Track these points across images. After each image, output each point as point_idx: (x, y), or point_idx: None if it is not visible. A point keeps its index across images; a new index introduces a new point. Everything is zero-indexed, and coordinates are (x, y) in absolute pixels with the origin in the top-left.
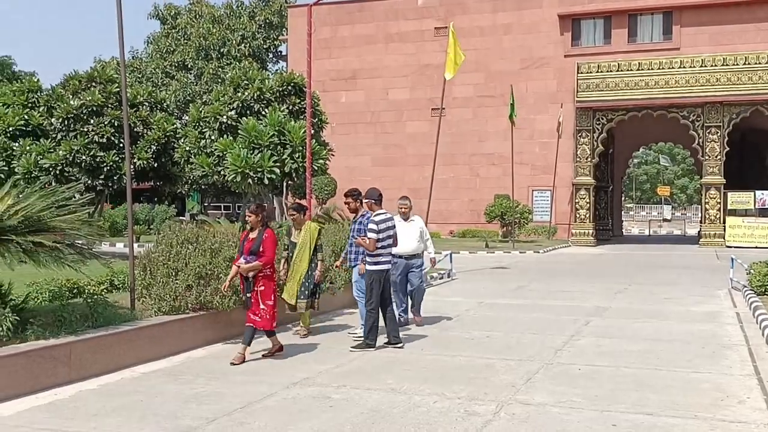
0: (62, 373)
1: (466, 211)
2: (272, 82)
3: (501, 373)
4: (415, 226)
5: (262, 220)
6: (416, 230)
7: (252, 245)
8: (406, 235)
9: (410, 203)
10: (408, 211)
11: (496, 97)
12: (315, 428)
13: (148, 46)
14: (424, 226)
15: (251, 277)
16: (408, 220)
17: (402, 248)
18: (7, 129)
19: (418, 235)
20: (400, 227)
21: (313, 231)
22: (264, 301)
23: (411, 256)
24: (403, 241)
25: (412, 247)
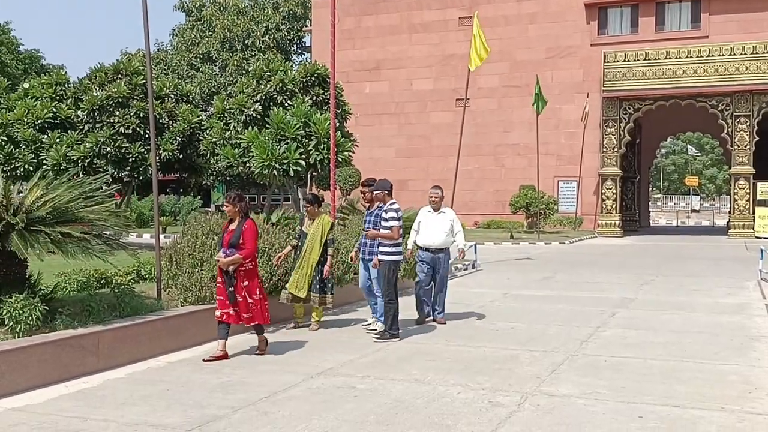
0: (90, 362)
1: (491, 202)
2: (295, 74)
3: (525, 364)
4: (445, 218)
5: (242, 210)
6: (446, 223)
7: (231, 237)
8: (435, 228)
9: (442, 193)
10: (439, 201)
11: (521, 87)
12: (339, 418)
13: (173, 39)
14: (456, 218)
15: (232, 272)
16: (438, 211)
17: (430, 241)
18: (36, 122)
19: (448, 228)
20: (430, 219)
21: (326, 224)
22: (251, 296)
23: (438, 250)
24: (431, 233)
25: (440, 241)
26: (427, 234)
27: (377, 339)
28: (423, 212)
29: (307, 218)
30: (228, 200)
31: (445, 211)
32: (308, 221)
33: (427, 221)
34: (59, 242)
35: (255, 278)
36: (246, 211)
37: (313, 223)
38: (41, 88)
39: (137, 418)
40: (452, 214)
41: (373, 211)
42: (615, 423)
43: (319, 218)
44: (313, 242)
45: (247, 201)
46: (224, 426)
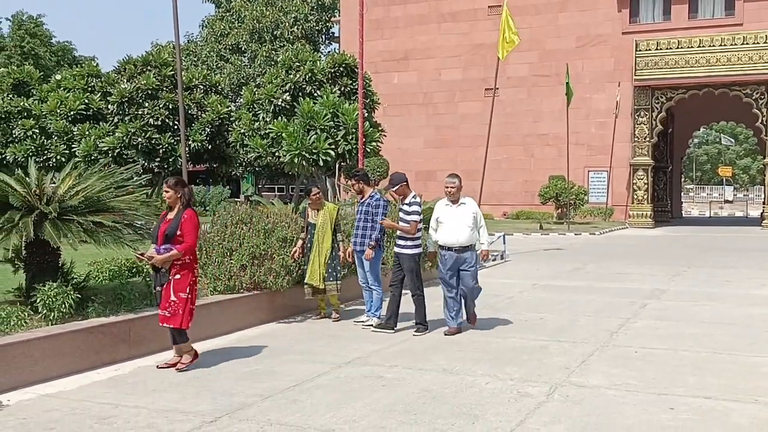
0: (122, 350)
1: (520, 193)
2: (324, 64)
3: (555, 355)
4: (466, 210)
5: (183, 198)
6: (468, 216)
7: (168, 228)
8: (456, 222)
9: (459, 182)
10: (456, 191)
11: (551, 76)
12: (367, 407)
13: (202, 30)
14: (478, 210)
15: (165, 269)
16: (458, 203)
17: (452, 238)
18: (68, 113)
19: (471, 222)
20: (449, 212)
21: (332, 211)
22: (176, 292)
23: (463, 248)
24: (453, 229)
25: (464, 237)
26: (447, 231)
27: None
28: (440, 206)
29: (310, 209)
30: (168, 186)
31: (465, 203)
32: (312, 212)
33: (446, 216)
34: (91, 231)
35: (189, 275)
36: (188, 200)
37: (319, 213)
38: (73, 80)
39: (167, 405)
40: (474, 206)
41: (365, 201)
42: (645, 414)
43: (325, 207)
44: (324, 231)
45: (190, 189)
46: (253, 413)
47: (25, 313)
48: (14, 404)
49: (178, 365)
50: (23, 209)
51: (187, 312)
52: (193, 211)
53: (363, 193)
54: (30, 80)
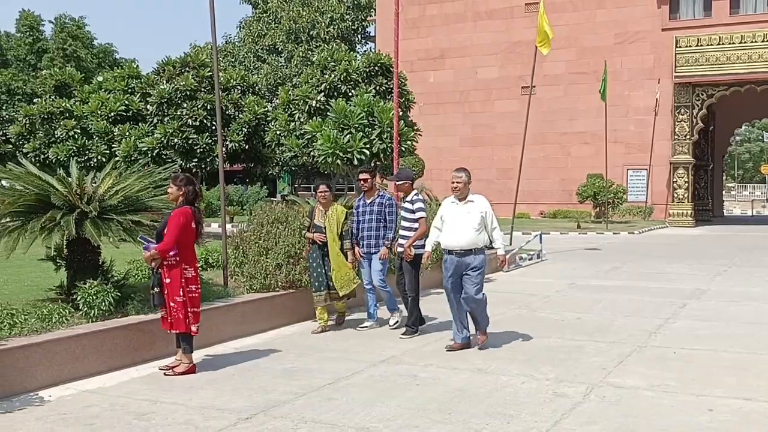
0: (160, 347)
1: (557, 191)
2: (359, 63)
3: (592, 355)
4: (473, 209)
5: (185, 196)
6: (474, 215)
7: (160, 226)
8: (459, 222)
9: (467, 177)
10: (463, 187)
11: (588, 73)
12: (401, 405)
13: (240, 31)
14: (489, 209)
15: (155, 269)
16: (464, 200)
17: (453, 240)
18: (109, 114)
19: (477, 223)
20: (454, 211)
21: (340, 214)
22: (172, 297)
23: (465, 251)
24: (455, 230)
25: (466, 240)
26: (449, 232)
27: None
28: (446, 204)
29: (318, 209)
30: (172, 181)
31: (473, 200)
32: (320, 212)
33: (450, 215)
34: (130, 230)
35: (177, 277)
36: (191, 198)
37: (327, 215)
38: (114, 81)
39: (204, 402)
40: (483, 204)
41: (375, 201)
42: (683, 415)
43: (333, 208)
44: (333, 236)
45: (195, 188)
46: (288, 410)
47: (66, 311)
48: (56, 400)
49: (169, 371)
50: (65, 208)
51: (187, 316)
52: (183, 209)
53: (371, 191)
54: (72, 82)
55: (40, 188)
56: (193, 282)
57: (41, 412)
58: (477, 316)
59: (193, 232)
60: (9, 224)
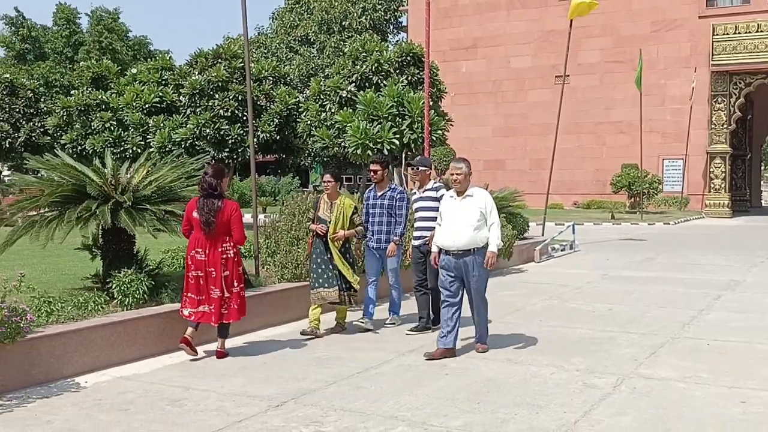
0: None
1: (591, 182)
2: (391, 54)
3: (623, 346)
4: (472, 205)
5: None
6: (473, 211)
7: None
8: (457, 220)
9: (467, 168)
10: (463, 180)
11: (624, 62)
12: (429, 395)
13: (273, 22)
14: (489, 203)
15: None
16: (463, 195)
17: (448, 239)
18: (144, 106)
19: (475, 220)
20: (452, 207)
21: (347, 207)
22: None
23: (463, 252)
24: (451, 228)
25: (464, 239)
26: (445, 230)
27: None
28: (445, 198)
29: (323, 201)
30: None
31: (472, 195)
32: (325, 204)
33: (448, 211)
34: (164, 220)
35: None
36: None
37: (333, 208)
38: (148, 73)
39: (236, 389)
40: (483, 198)
41: (385, 194)
42: (715, 407)
43: (340, 201)
44: (334, 229)
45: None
46: (318, 398)
47: (101, 299)
48: (91, 386)
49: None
50: (100, 198)
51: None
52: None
53: (382, 183)
54: (108, 74)
55: (76, 179)
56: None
57: (77, 398)
58: (480, 317)
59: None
60: (47, 214)
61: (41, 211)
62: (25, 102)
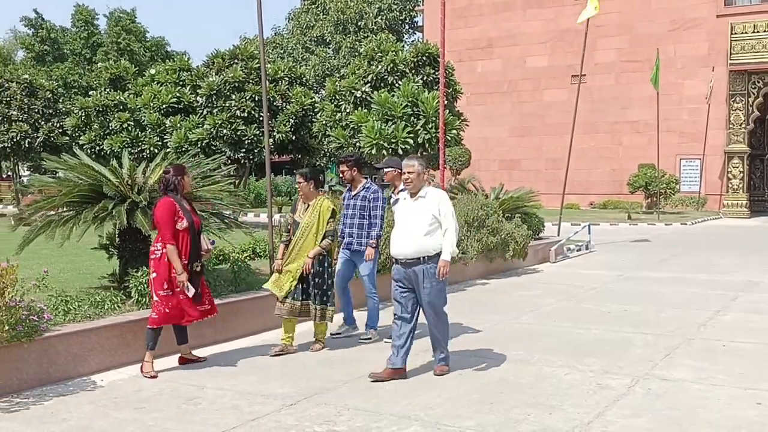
0: (208, 334)
1: (607, 182)
2: (406, 54)
3: (638, 347)
4: (424, 207)
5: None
6: (425, 215)
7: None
8: (407, 225)
9: (419, 166)
10: (416, 179)
11: (641, 61)
12: (442, 395)
13: (289, 23)
14: (443, 204)
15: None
16: (416, 197)
17: (396, 248)
18: (161, 106)
19: (427, 224)
20: (403, 210)
21: (324, 211)
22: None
23: (413, 260)
24: (401, 234)
25: (412, 247)
26: (395, 236)
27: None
28: (399, 200)
29: (300, 203)
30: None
31: (424, 196)
32: (302, 206)
33: (399, 214)
34: None
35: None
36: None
37: (308, 210)
38: (166, 74)
39: (250, 388)
40: (437, 199)
41: (358, 194)
42: (730, 409)
43: (316, 202)
44: (306, 234)
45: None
46: (331, 398)
47: (118, 298)
48: (107, 384)
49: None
50: (116, 198)
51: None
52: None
53: (354, 182)
54: (126, 75)
55: (93, 179)
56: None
57: (94, 396)
58: (436, 339)
59: None
60: (64, 214)
61: (59, 210)
62: (44, 102)
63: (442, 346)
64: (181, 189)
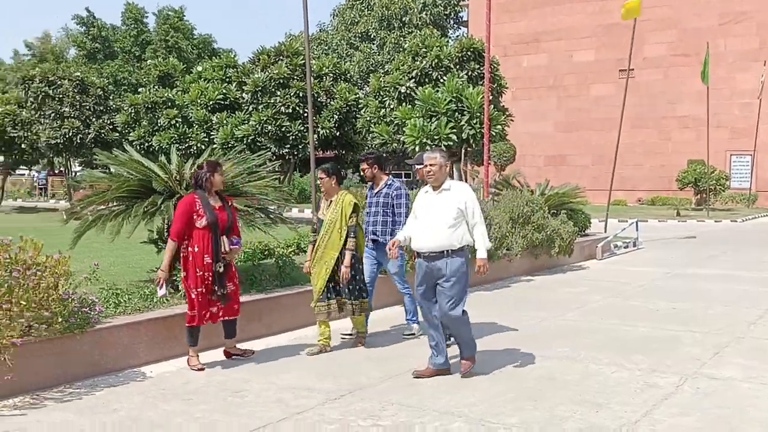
0: (254, 328)
1: (656, 178)
2: (451, 49)
3: (686, 345)
4: (448, 201)
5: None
6: (450, 208)
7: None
8: (431, 218)
9: (442, 159)
10: (438, 171)
11: (690, 56)
12: (487, 391)
13: (333, 19)
14: (470, 199)
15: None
16: (439, 189)
17: (420, 241)
18: (208, 103)
19: (452, 218)
20: (426, 203)
21: (346, 206)
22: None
23: (435, 255)
24: (423, 227)
25: (436, 240)
26: (418, 229)
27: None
28: (420, 194)
29: (323, 200)
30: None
31: (449, 189)
32: (325, 204)
33: (422, 208)
34: None
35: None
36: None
37: (330, 207)
38: (212, 71)
39: (294, 382)
40: (463, 193)
41: (381, 191)
42: None
43: (339, 198)
44: (331, 231)
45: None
46: (373, 393)
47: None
48: (156, 376)
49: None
50: (165, 193)
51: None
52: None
53: (375, 180)
54: (174, 72)
55: (143, 174)
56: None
57: (143, 387)
58: (457, 338)
59: None
60: (114, 208)
61: (109, 205)
62: (95, 99)
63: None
64: (210, 186)
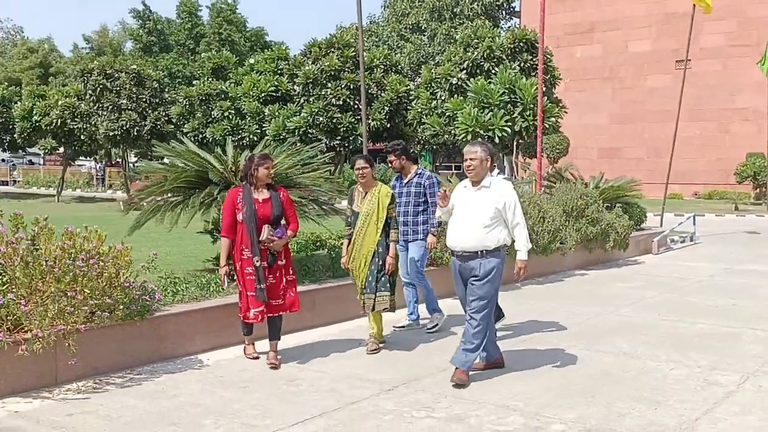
0: (308, 318)
1: (713, 171)
2: (503, 40)
3: (747, 343)
4: (487, 198)
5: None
6: (488, 207)
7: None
8: (467, 215)
9: (483, 152)
10: (479, 166)
11: (751, 46)
12: (543, 385)
13: (384, 11)
14: (510, 197)
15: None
16: (478, 185)
17: (454, 240)
18: (260, 95)
19: (489, 217)
20: (463, 199)
21: (384, 197)
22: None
23: (470, 254)
24: (459, 225)
25: (472, 240)
26: (453, 227)
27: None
28: (458, 188)
29: (357, 192)
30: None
31: (488, 186)
32: (359, 196)
33: (459, 204)
34: None
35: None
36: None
37: (366, 198)
38: (264, 63)
39: (349, 372)
40: (502, 191)
41: (411, 181)
42: None
43: (374, 189)
44: (368, 223)
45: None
46: (429, 384)
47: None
48: (213, 363)
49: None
50: (221, 184)
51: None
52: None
53: (404, 170)
54: (227, 65)
55: (199, 165)
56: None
57: (200, 374)
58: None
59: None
60: (171, 199)
61: (166, 196)
62: (150, 92)
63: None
64: (254, 179)
